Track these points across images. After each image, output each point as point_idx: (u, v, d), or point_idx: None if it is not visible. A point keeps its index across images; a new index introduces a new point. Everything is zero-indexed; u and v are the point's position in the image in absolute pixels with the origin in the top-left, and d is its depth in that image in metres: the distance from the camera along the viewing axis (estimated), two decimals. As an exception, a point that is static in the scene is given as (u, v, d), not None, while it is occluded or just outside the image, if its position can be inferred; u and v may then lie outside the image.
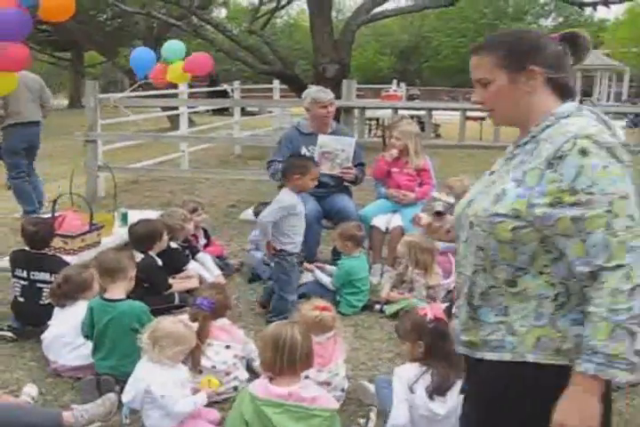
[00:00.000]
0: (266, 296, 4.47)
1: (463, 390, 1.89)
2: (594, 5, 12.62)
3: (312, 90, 5.29)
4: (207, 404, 2.98)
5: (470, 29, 38.55)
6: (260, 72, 13.95)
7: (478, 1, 38.52)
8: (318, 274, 4.70)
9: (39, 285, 3.94)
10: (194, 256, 4.87)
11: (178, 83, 8.87)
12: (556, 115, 1.69)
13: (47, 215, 4.69)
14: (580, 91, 24.51)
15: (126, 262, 3.48)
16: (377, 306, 4.50)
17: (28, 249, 4.08)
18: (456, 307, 1.83)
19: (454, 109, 9.16)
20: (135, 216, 4.99)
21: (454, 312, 1.85)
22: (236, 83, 14.91)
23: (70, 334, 3.46)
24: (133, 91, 9.31)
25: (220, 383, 3.13)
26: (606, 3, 12.20)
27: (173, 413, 2.81)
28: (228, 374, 3.24)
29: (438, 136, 14.62)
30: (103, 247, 4.46)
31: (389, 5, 14.48)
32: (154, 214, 5.17)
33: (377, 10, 13.22)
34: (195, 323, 3.11)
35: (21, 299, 4.00)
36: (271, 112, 16.95)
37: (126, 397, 2.88)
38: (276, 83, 15.42)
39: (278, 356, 2.58)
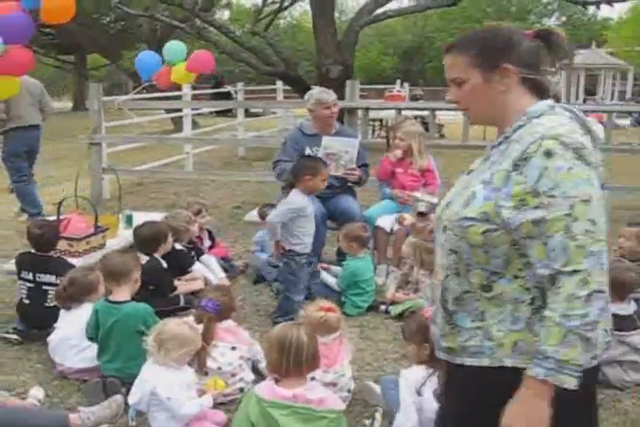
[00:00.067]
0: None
1: (440, 394, 1.84)
2: (597, 4, 12.58)
3: (315, 91, 5.30)
4: (213, 405, 2.98)
5: (473, 29, 38.42)
6: (264, 73, 13.95)
7: (481, 0, 38.47)
8: (323, 275, 4.70)
9: (45, 287, 3.95)
10: (198, 258, 4.87)
11: (182, 83, 8.87)
12: (528, 114, 1.65)
13: (52, 218, 4.70)
14: (584, 90, 24.45)
15: (131, 265, 3.48)
16: (382, 307, 4.49)
17: (34, 251, 4.09)
18: (432, 313, 1.81)
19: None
20: (140, 218, 5.00)
21: (431, 318, 1.83)
22: (240, 84, 14.91)
23: (76, 337, 3.46)
24: (137, 93, 9.33)
25: (226, 385, 3.13)
26: (609, 1, 12.16)
27: (179, 415, 2.82)
28: (234, 375, 3.24)
29: (442, 136, 14.60)
30: (108, 250, 4.46)
31: (392, 6, 14.41)
32: (159, 216, 5.17)
33: (380, 10, 13.20)
34: (200, 325, 3.12)
35: (27, 301, 4.01)
36: (275, 113, 16.96)
37: (132, 399, 2.88)
38: (280, 84, 15.43)
39: (284, 357, 2.58)
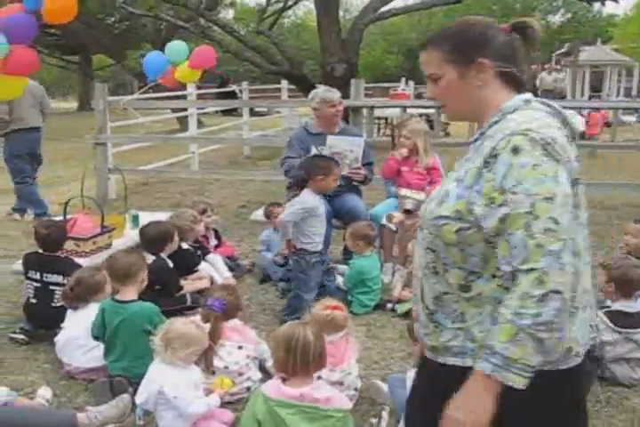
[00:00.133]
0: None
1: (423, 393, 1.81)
2: (602, 1, 12.54)
3: (320, 90, 5.29)
4: (220, 404, 2.98)
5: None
6: (268, 72, 13.94)
7: (486, -2, 38.46)
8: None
9: (52, 287, 3.96)
10: (204, 257, 4.88)
11: (187, 81, 8.86)
12: (504, 110, 1.62)
13: (59, 218, 4.72)
14: (590, 86, 24.33)
15: (138, 265, 3.48)
16: (389, 305, 4.49)
17: (41, 251, 4.11)
18: (414, 310, 1.79)
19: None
20: (146, 218, 5.01)
21: (414, 315, 1.81)
22: (245, 83, 14.91)
23: (83, 337, 3.47)
24: (143, 93, 9.33)
25: (233, 384, 3.14)
26: (615, -3, 12.14)
27: (187, 414, 2.82)
28: (241, 374, 3.24)
29: (447, 134, 14.58)
30: (114, 249, 4.47)
31: (397, 4, 14.35)
32: (165, 216, 5.17)
33: (384, 8, 13.14)
34: (207, 324, 3.12)
35: (34, 301, 4.02)
36: (279, 112, 16.96)
37: (140, 398, 2.89)
38: (285, 83, 15.40)
39: (291, 356, 2.57)
